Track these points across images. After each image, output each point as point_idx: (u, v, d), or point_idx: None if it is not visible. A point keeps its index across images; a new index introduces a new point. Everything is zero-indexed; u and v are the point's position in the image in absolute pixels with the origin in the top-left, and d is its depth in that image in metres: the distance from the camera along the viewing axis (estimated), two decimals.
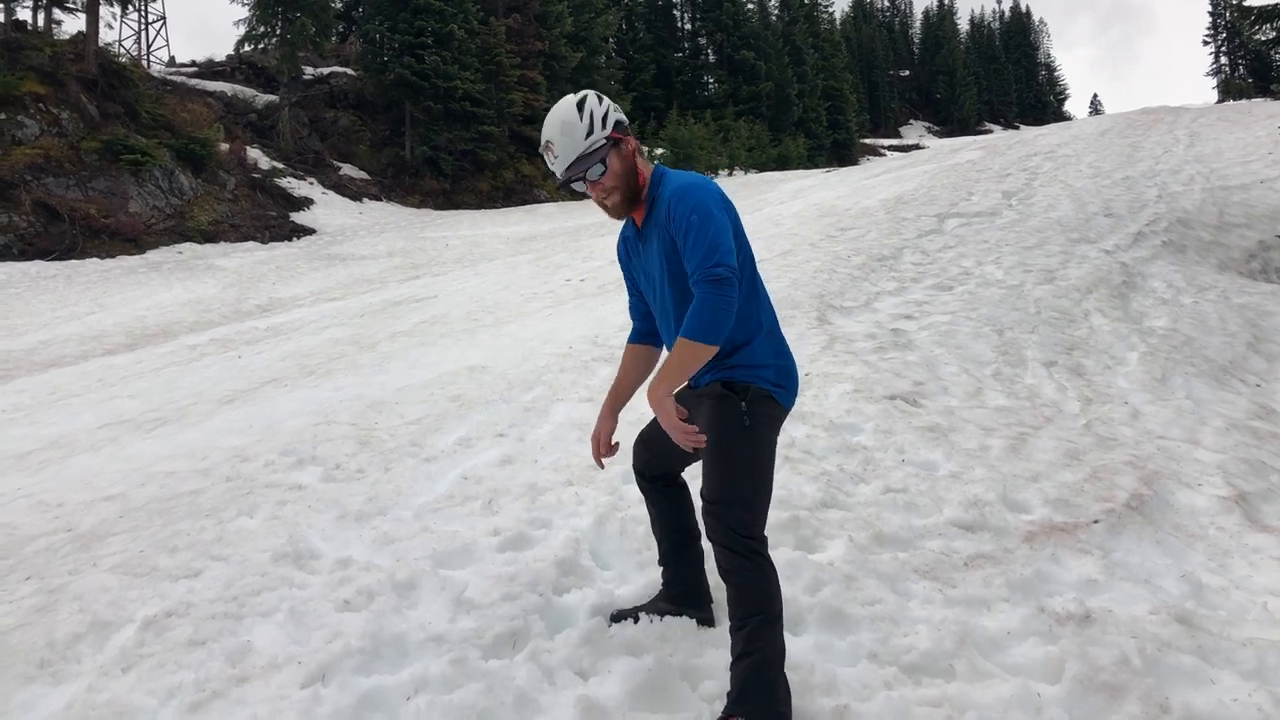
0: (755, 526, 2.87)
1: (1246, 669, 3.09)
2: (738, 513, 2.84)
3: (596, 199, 3.02)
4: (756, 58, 61.52)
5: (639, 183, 3.00)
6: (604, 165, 2.92)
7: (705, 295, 2.72)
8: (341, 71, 39.60)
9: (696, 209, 2.81)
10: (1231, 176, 15.46)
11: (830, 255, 11.70)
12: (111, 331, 14.87)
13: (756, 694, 2.76)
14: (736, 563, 2.82)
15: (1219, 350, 7.74)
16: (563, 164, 2.92)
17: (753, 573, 2.83)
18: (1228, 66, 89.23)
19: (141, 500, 5.42)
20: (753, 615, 2.80)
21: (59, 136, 24.98)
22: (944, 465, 5.11)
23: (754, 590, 2.83)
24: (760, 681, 2.76)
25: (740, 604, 2.83)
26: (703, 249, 2.75)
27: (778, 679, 2.80)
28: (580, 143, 2.89)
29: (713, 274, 2.72)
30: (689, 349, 2.74)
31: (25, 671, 3.30)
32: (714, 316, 2.72)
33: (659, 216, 2.95)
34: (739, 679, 2.78)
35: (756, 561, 2.84)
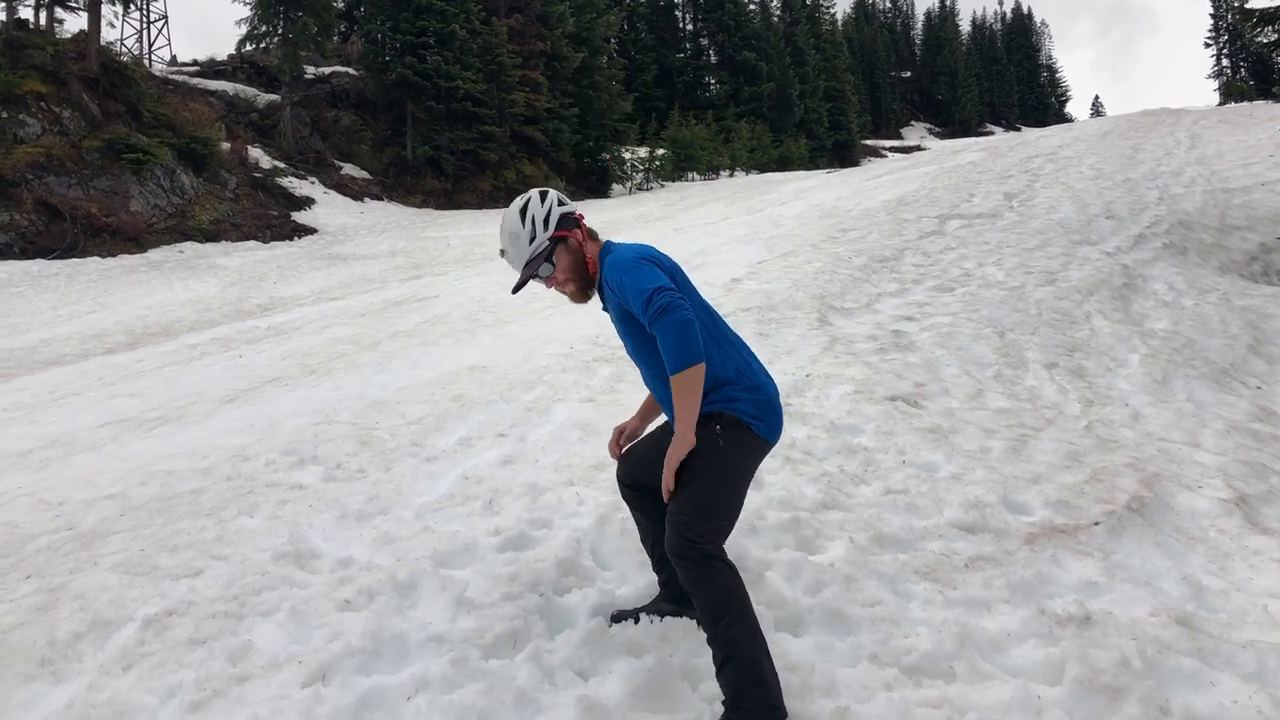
0: (712, 535, 2.94)
1: (1247, 671, 3.09)
2: (697, 522, 2.91)
3: (557, 290, 3.31)
4: (758, 58, 61.52)
5: (589, 270, 3.28)
6: (552, 264, 3.23)
7: (661, 331, 2.92)
8: (343, 71, 39.60)
9: (619, 272, 3.09)
10: (1233, 179, 15.45)
11: (831, 256, 11.70)
12: (112, 330, 14.87)
13: (749, 696, 2.79)
14: (695, 572, 2.87)
15: (1220, 353, 7.74)
16: (517, 268, 3.26)
17: (712, 579, 2.87)
18: (1229, 69, 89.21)
19: (142, 499, 5.42)
20: (721, 619, 2.84)
21: (60, 135, 24.98)
22: (945, 466, 5.12)
23: (717, 595, 2.86)
24: (749, 683, 2.80)
25: (708, 612, 2.87)
26: (639, 298, 2.98)
27: (765, 674, 2.82)
28: (525, 249, 3.21)
29: (654, 309, 2.93)
30: (681, 379, 2.92)
31: (26, 670, 3.30)
32: (678, 340, 2.90)
33: (607, 293, 3.22)
34: (729, 686, 2.82)
35: (714, 566, 2.88)
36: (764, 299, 9.39)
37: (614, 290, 3.11)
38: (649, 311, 2.94)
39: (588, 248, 3.28)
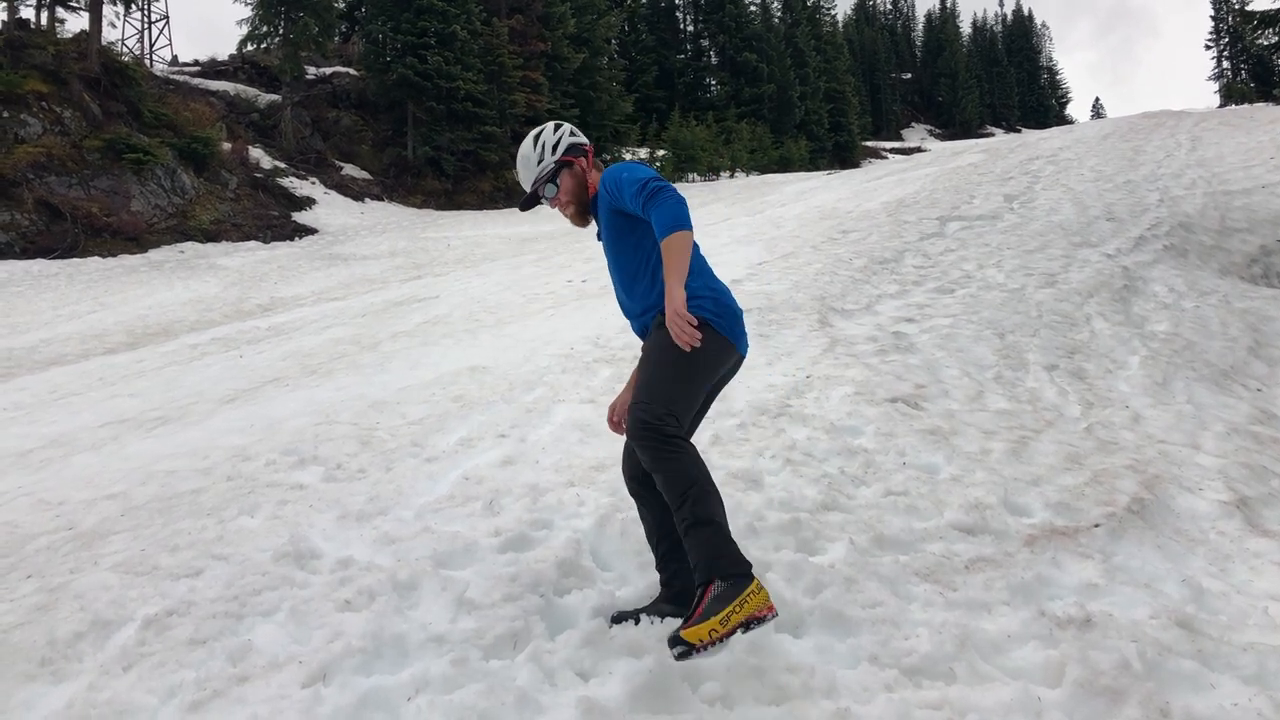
0: (670, 418, 3.06)
1: (1247, 674, 3.09)
2: (655, 406, 3.06)
3: (560, 211, 3.63)
4: (759, 60, 61.50)
5: (588, 195, 3.59)
6: (556, 185, 3.56)
7: (655, 208, 3.16)
8: (344, 71, 39.62)
9: (621, 171, 3.35)
10: (1233, 181, 15.44)
11: (832, 258, 11.71)
12: (113, 330, 14.88)
13: (724, 554, 2.92)
14: (655, 453, 3.02)
15: (1220, 355, 7.74)
16: (526, 185, 3.60)
17: (674, 458, 3.01)
18: (1230, 71, 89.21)
19: (142, 499, 5.42)
20: (687, 493, 2.97)
21: (61, 135, 24.99)
22: (945, 468, 5.12)
23: (680, 472, 3.00)
24: (722, 540, 2.94)
25: (672, 488, 3.00)
26: (633, 186, 3.23)
27: (730, 537, 2.99)
28: (533, 169, 3.56)
29: (648, 191, 3.18)
30: (673, 241, 3.10)
31: (26, 670, 3.30)
32: (672, 211, 3.13)
33: (598, 203, 3.54)
34: (701, 548, 2.92)
35: (675, 444, 3.03)
36: (764, 300, 9.39)
37: (608, 192, 3.39)
38: (643, 194, 3.19)
39: (590, 175, 3.60)
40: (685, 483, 2.97)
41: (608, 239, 3.52)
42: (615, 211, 3.42)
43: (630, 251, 3.44)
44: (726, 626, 2.76)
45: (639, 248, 3.42)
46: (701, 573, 2.91)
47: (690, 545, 2.96)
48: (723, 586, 2.85)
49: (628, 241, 3.44)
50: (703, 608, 2.82)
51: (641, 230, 3.38)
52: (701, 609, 2.82)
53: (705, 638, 2.74)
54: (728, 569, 2.88)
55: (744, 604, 2.80)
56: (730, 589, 2.84)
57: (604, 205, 3.48)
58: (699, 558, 2.92)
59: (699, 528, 2.93)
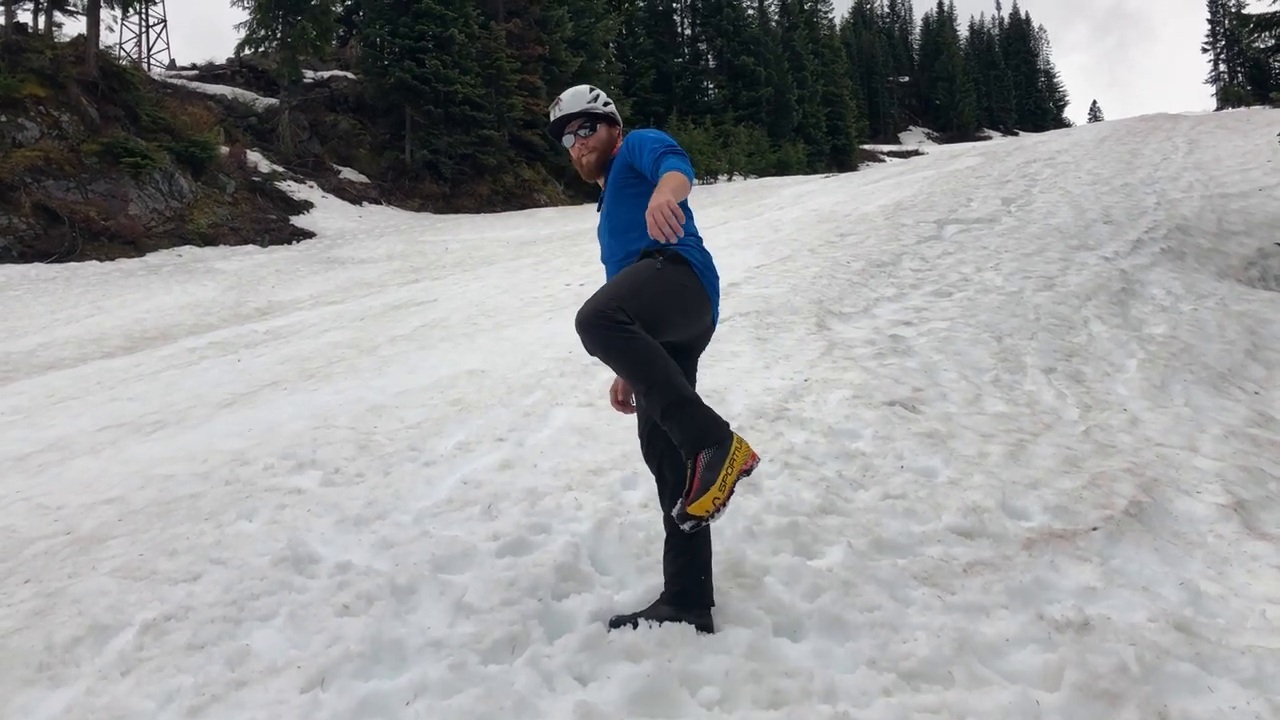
0: (621, 311, 3.02)
1: (1245, 677, 3.09)
2: (612, 301, 3.04)
3: (576, 155, 3.69)
4: (756, 63, 61.50)
5: (610, 154, 3.70)
6: (593, 130, 3.67)
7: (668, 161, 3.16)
8: (342, 75, 39.60)
9: (640, 136, 3.41)
10: (1230, 184, 15.48)
11: (830, 261, 11.72)
12: (110, 334, 14.86)
13: (703, 426, 2.98)
14: (604, 339, 3.00)
15: (1218, 358, 7.75)
16: (563, 111, 3.66)
17: (625, 342, 3.00)
18: (1226, 74, 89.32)
19: (141, 503, 5.42)
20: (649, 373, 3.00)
21: (59, 139, 24.97)
22: (943, 471, 5.12)
23: (636, 355, 3.01)
24: (699, 415, 3.00)
25: (632, 371, 3.03)
26: (657, 143, 3.30)
27: (705, 407, 3.03)
28: (583, 103, 3.66)
29: (670, 149, 3.24)
30: (672, 176, 3.07)
31: (24, 675, 3.30)
32: (683, 165, 3.14)
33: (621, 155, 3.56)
34: (682, 427, 2.99)
35: (625, 330, 3.00)
36: (762, 304, 9.40)
37: (628, 149, 3.45)
38: (661, 150, 3.23)
39: (619, 140, 3.71)
40: (644, 364, 3.01)
41: (611, 191, 3.59)
42: (628, 166, 3.48)
43: (630, 202, 3.48)
44: (725, 490, 2.92)
45: (639, 202, 3.42)
46: (688, 448, 2.99)
47: (670, 427, 3.03)
48: (710, 454, 2.95)
49: (629, 193, 3.49)
50: (699, 480, 2.93)
51: (646, 189, 3.38)
52: (699, 482, 2.93)
53: (710, 507, 2.90)
54: (711, 437, 2.97)
55: (733, 463, 2.95)
56: (717, 453, 2.95)
57: (619, 162, 3.56)
58: (683, 436, 3.00)
59: (674, 408, 3.00)
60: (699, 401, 3.05)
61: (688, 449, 3.00)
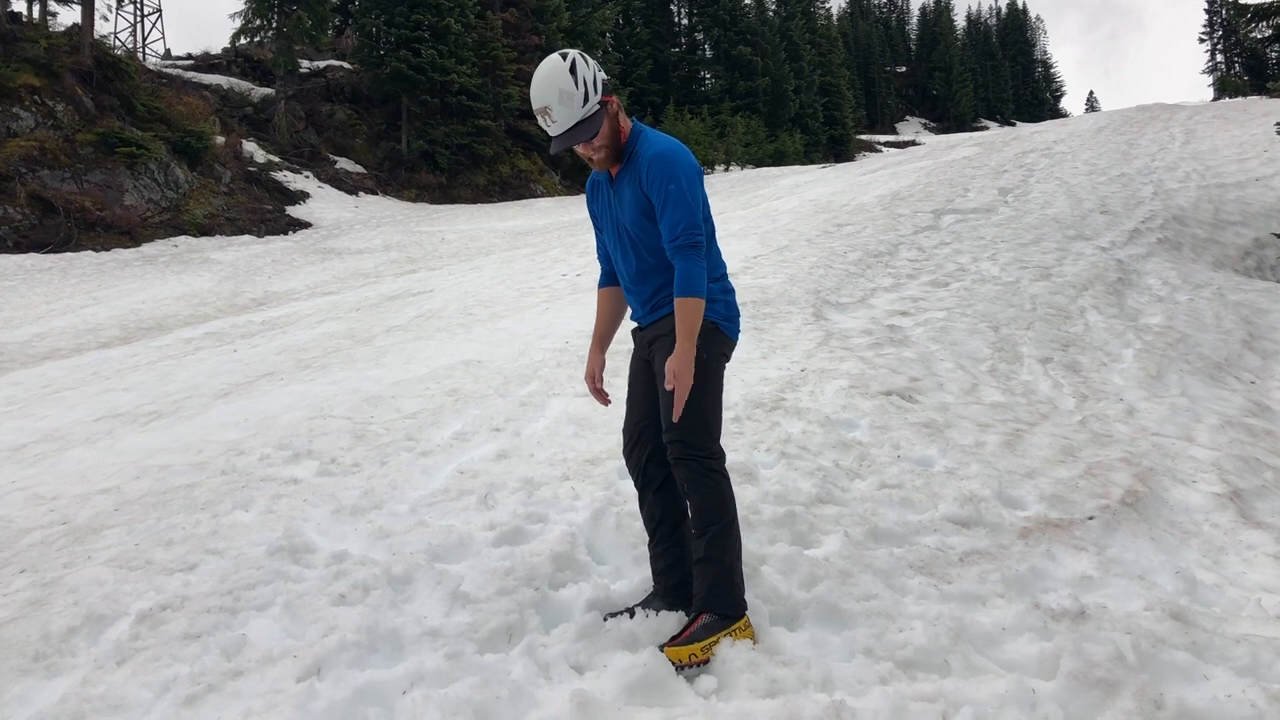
0: (714, 446, 3.27)
1: (1240, 665, 3.10)
2: (700, 438, 3.21)
3: (584, 154, 3.26)
4: (753, 53, 61.37)
5: (622, 140, 3.27)
6: (595, 131, 3.16)
7: (686, 262, 3.12)
8: (338, 65, 39.48)
9: (675, 180, 3.13)
10: (1227, 174, 15.48)
11: (827, 251, 11.71)
12: (106, 325, 14.83)
13: (723, 594, 3.17)
14: (699, 481, 3.20)
15: (1214, 347, 7.76)
16: (560, 129, 3.12)
17: (712, 488, 3.21)
18: (1223, 64, 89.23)
19: (136, 494, 5.41)
20: (713, 524, 3.19)
21: (54, 129, 24.89)
22: (939, 461, 5.12)
23: (714, 503, 3.21)
24: (726, 583, 3.18)
25: (702, 514, 3.21)
26: (684, 220, 3.12)
27: (738, 578, 3.22)
28: (578, 111, 3.10)
29: (692, 241, 3.12)
30: (689, 306, 3.11)
31: (20, 665, 3.30)
32: (697, 275, 3.12)
33: (636, 171, 3.22)
34: (706, 582, 3.18)
35: (714, 479, 3.23)
36: (759, 294, 9.39)
37: (651, 180, 3.15)
38: (685, 238, 3.12)
39: (622, 116, 3.26)
40: (714, 516, 3.20)
41: (633, 213, 3.26)
42: (647, 199, 3.19)
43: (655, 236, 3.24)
44: (707, 654, 3.08)
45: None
46: (699, 602, 3.18)
47: (698, 574, 3.22)
48: (713, 618, 3.14)
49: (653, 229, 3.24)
50: (690, 631, 3.13)
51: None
52: (689, 632, 3.13)
53: (685, 660, 3.06)
54: (722, 607, 3.16)
55: (730, 636, 3.12)
56: (719, 621, 3.14)
57: (635, 181, 3.22)
58: (701, 589, 3.19)
59: (709, 564, 3.18)
60: (736, 566, 3.22)
61: (699, 602, 3.18)
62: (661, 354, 3.26)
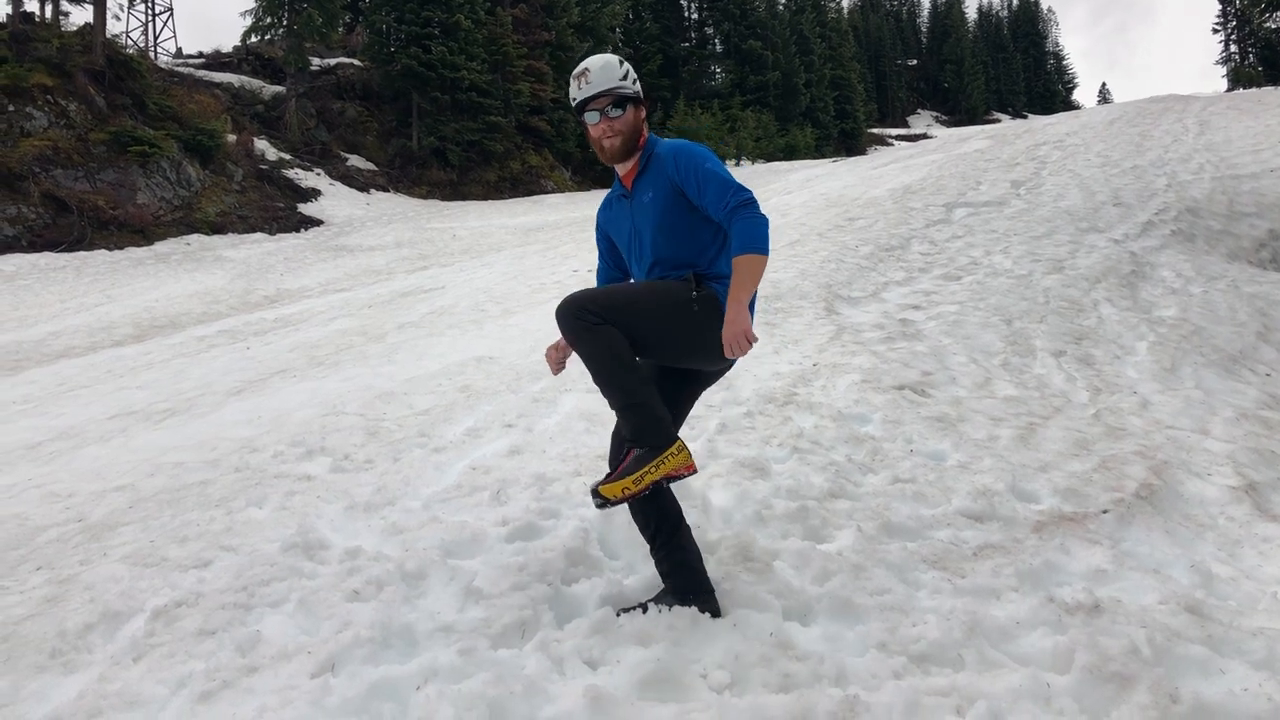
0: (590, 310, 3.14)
1: (1256, 658, 3.08)
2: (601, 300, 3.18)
3: (599, 135, 3.38)
4: (764, 47, 61.24)
5: (639, 142, 3.41)
6: (623, 110, 3.34)
7: (744, 218, 3.13)
8: (348, 62, 39.56)
9: (705, 159, 3.27)
10: (1242, 165, 15.37)
11: (838, 245, 11.68)
12: (120, 323, 14.90)
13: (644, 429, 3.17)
14: (578, 332, 3.14)
15: (1228, 340, 7.71)
16: (592, 89, 3.32)
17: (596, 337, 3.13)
18: (1238, 55, 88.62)
19: (151, 491, 5.44)
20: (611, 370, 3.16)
21: (67, 128, 25.01)
22: (952, 455, 5.11)
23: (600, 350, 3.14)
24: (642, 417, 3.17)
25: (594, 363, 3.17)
26: (723, 186, 3.18)
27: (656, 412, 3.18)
28: (614, 80, 3.32)
29: (742, 199, 3.14)
30: (750, 261, 3.12)
31: (37, 661, 3.32)
32: (761, 231, 3.13)
33: (660, 170, 3.34)
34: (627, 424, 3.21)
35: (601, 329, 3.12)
36: (770, 288, 9.38)
37: (678, 170, 3.27)
38: (733, 198, 3.14)
39: (645, 126, 3.45)
40: (605, 360, 3.15)
41: (656, 211, 3.34)
42: (678, 190, 3.29)
43: (683, 234, 3.33)
44: (640, 485, 3.13)
45: (692, 235, 3.34)
46: (629, 441, 3.23)
47: (620, 422, 3.29)
48: (642, 451, 3.16)
49: (683, 224, 3.32)
50: (623, 466, 3.17)
51: (699, 220, 3.31)
52: (621, 468, 3.17)
53: (619, 494, 3.13)
54: (648, 439, 3.16)
55: (661, 464, 3.14)
56: (649, 453, 3.15)
57: (662, 178, 3.33)
58: (627, 431, 3.23)
59: (624, 411, 3.20)
60: (648, 405, 3.18)
61: (629, 442, 3.23)
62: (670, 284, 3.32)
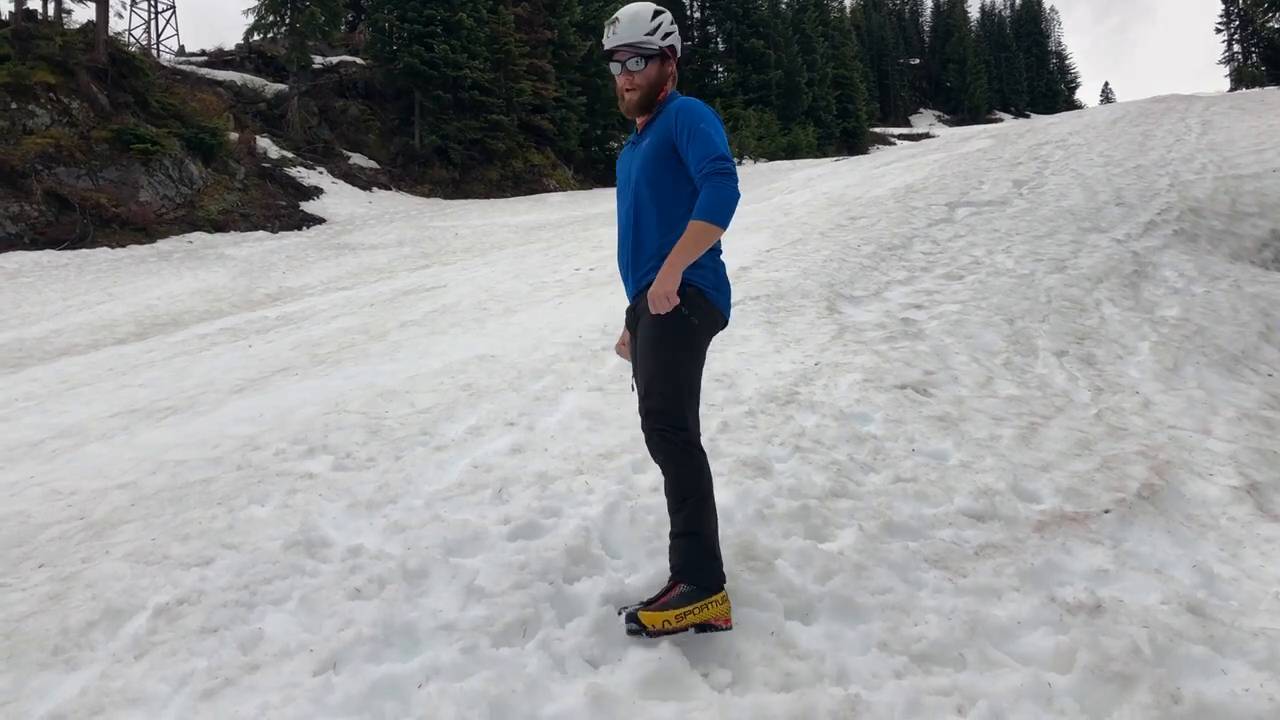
0: (686, 419, 3.23)
1: (1258, 659, 3.08)
2: (676, 410, 3.20)
3: (622, 86, 3.43)
4: (766, 46, 61.24)
5: (659, 96, 3.45)
6: (645, 63, 3.37)
7: (715, 185, 3.12)
8: (351, 60, 39.58)
9: (703, 119, 3.26)
10: (1244, 165, 15.34)
11: (840, 244, 11.67)
12: (122, 320, 14.92)
13: (702, 566, 3.17)
14: (675, 455, 3.19)
15: (1231, 340, 7.70)
16: (617, 40, 3.36)
17: (688, 463, 3.20)
18: (1240, 55, 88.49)
19: (153, 488, 5.44)
20: (690, 497, 3.19)
21: (69, 126, 25.04)
22: (954, 454, 5.10)
23: (689, 477, 3.20)
24: (706, 556, 3.18)
25: (679, 488, 3.21)
26: (708, 146, 3.18)
27: (717, 551, 3.21)
28: (640, 35, 3.35)
29: (719, 167, 3.13)
30: (701, 229, 3.12)
31: (39, 658, 3.32)
32: (724, 201, 3.12)
33: (664, 121, 3.36)
34: (682, 554, 3.19)
35: (690, 452, 3.21)
36: (772, 287, 9.38)
37: (677, 123, 3.28)
38: (712, 163, 3.14)
39: (671, 81, 3.49)
40: (687, 489, 3.19)
41: (648, 157, 3.38)
42: (671, 143, 3.31)
43: (669, 189, 3.35)
44: (680, 623, 3.08)
45: (676, 190, 3.34)
46: (678, 571, 3.20)
47: (675, 548, 3.23)
48: (690, 588, 3.14)
49: (666, 176, 3.35)
50: (667, 598, 3.14)
51: (684, 180, 3.33)
52: (666, 599, 3.14)
53: (658, 625, 3.06)
54: (699, 579, 3.15)
55: (704, 609, 3.10)
56: (697, 592, 3.12)
57: (662, 127, 3.36)
58: (679, 561, 3.20)
59: (689, 537, 3.18)
60: (713, 541, 3.21)
61: (676, 572, 3.20)
62: (646, 315, 3.28)
